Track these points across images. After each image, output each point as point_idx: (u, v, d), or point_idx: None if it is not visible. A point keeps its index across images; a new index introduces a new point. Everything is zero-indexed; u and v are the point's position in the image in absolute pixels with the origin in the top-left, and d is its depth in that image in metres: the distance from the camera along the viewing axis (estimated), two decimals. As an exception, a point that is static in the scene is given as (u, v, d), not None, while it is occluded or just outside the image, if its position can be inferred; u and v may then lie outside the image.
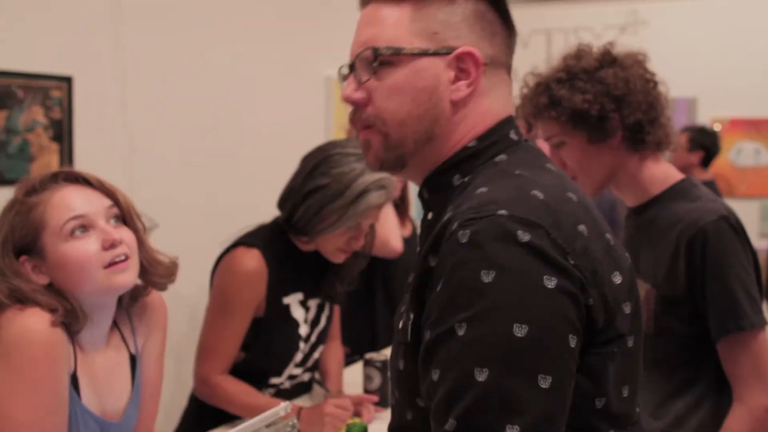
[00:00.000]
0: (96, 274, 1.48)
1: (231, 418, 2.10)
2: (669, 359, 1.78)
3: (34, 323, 1.43)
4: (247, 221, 2.21)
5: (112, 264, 1.49)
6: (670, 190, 1.82)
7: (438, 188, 1.14)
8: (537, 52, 5.15)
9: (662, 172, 1.84)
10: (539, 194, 1.00)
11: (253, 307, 2.06)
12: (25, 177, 2.87)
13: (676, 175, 1.84)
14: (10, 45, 2.77)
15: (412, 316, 1.05)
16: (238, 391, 2.05)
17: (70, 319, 1.48)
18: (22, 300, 1.46)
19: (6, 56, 2.77)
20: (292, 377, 2.21)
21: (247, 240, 2.09)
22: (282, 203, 2.13)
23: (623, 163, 1.81)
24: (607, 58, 1.79)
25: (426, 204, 1.17)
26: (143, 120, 3.26)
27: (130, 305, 1.66)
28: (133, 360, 1.66)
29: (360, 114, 1.15)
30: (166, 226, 3.21)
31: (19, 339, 1.41)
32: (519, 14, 1.25)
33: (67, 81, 3.00)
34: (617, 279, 1.03)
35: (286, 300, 2.13)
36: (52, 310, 1.46)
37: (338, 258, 2.14)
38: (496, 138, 1.12)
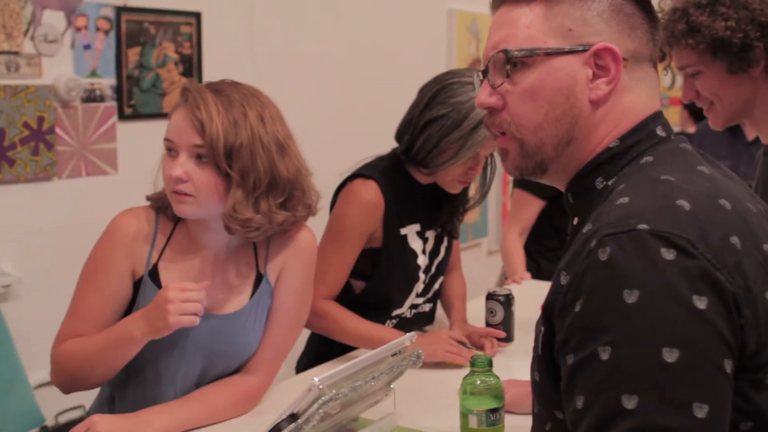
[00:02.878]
0: (169, 195, 1.62)
1: (351, 348, 2.14)
2: None
3: (121, 217, 1.67)
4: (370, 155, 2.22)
5: (174, 192, 1.60)
6: None
7: (582, 193, 1.09)
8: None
9: None
10: (686, 204, 0.92)
11: (364, 238, 2.08)
12: (158, 111, 2.97)
13: None
14: (142, -18, 2.85)
15: (543, 329, 1.01)
16: (343, 316, 2.07)
17: (160, 205, 1.69)
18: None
19: (138, -7, 2.85)
20: (413, 306, 2.23)
21: (364, 171, 2.10)
22: (400, 135, 2.12)
23: (763, 95, 1.71)
24: None
25: (571, 209, 1.12)
26: (270, 54, 3.30)
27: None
28: (260, 277, 1.73)
29: (494, 119, 1.11)
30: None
31: (108, 226, 1.68)
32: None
33: (196, 17, 3.07)
34: None
35: (404, 231, 2.14)
36: (159, 209, 1.69)
37: (455, 188, 2.13)
38: (641, 136, 1.06)
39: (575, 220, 1.11)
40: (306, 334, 2.33)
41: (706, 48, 1.67)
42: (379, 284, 2.13)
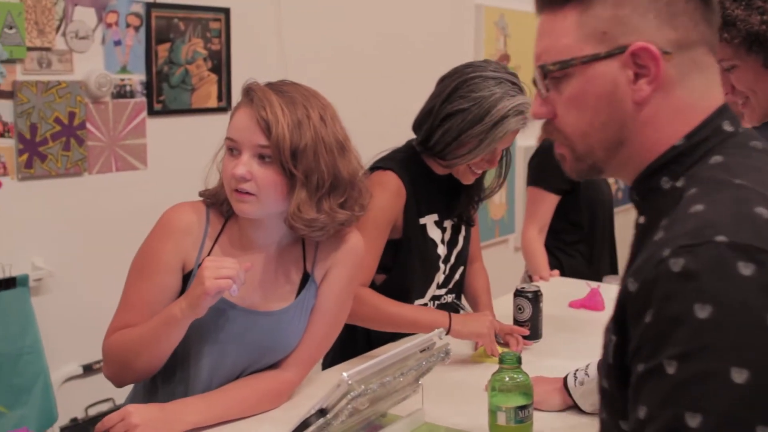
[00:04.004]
0: (229, 193, 1.63)
1: (377, 345, 2.14)
2: None
3: (172, 208, 1.69)
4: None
5: (236, 191, 1.61)
6: None
7: (647, 192, 1.06)
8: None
9: None
10: (765, 211, 0.88)
11: (390, 226, 2.09)
12: (187, 107, 2.99)
13: None
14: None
15: (614, 338, 0.98)
16: (381, 301, 2.06)
17: (214, 202, 1.70)
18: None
19: (168, -11, 2.87)
20: (435, 298, 2.23)
21: (381, 164, 2.12)
22: (418, 124, 2.13)
23: None
24: None
25: (637, 206, 1.09)
26: (298, 50, 3.31)
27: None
28: (306, 277, 1.74)
29: (548, 127, 1.11)
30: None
31: (159, 220, 1.69)
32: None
33: (225, 12, 3.09)
34: None
35: (423, 220, 2.15)
36: (211, 204, 1.70)
37: (468, 179, 2.13)
38: (708, 133, 1.02)
39: (642, 218, 1.08)
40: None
41: (741, 42, 1.65)
42: (400, 275, 2.14)
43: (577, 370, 1.70)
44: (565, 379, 1.71)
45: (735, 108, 1.89)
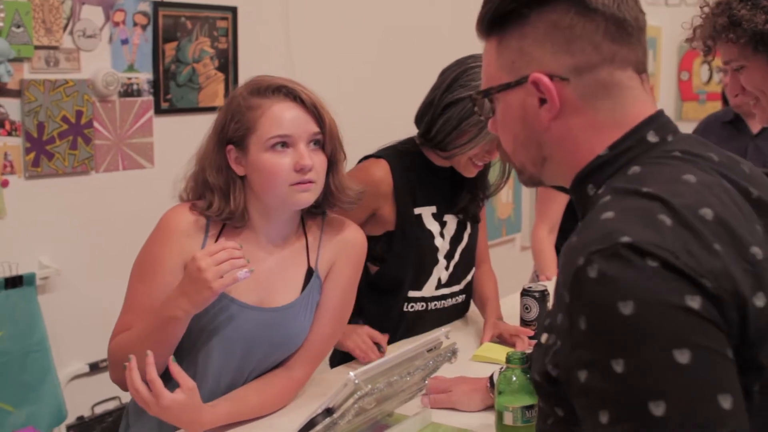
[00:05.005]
0: (281, 188, 1.63)
1: (391, 341, 2.14)
2: None
3: (171, 212, 1.68)
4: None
5: (297, 183, 1.62)
6: None
7: (579, 199, 1.12)
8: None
9: None
10: (667, 219, 0.93)
11: (366, 213, 2.09)
12: (194, 105, 2.99)
13: None
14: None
15: (559, 343, 0.99)
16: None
17: (227, 218, 1.67)
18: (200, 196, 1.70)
19: (175, -12, 2.87)
20: (443, 297, 2.22)
21: (378, 152, 2.13)
22: (419, 117, 2.14)
23: None
24: None
25: (577, 210, 1.16)
26: (305, 48, 3.31)
27: (323, 224, 1.80)
28: (310, 272, 1.75)
29: (498, 143, 1.21)
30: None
31: (158, 222, 1.68)
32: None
33: (232, 11, 3.09)
34: (760, 302, 0.93)
35: (418, 210, 2.14)
36: (209, 207, 1.66)
37: (470, 172, 2.13)
38: (630, 143, 1.06)
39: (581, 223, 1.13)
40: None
41: (747, 42, 1.64)
42: (394, 265, 2.14)
43: (501, 366, 1.67)
44: (491, 378, 1.70)
45: (746, 108, 1.88)
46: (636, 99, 1.08)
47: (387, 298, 2.14)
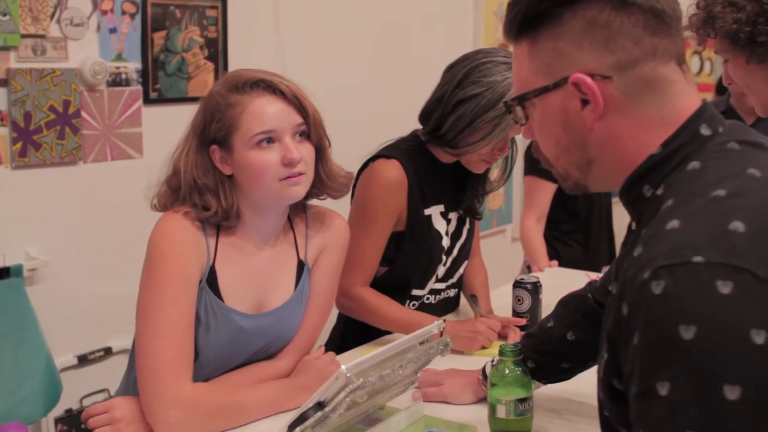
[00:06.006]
0: (271, 183, 1.59)
1: (378, 335, 2.13)
2: None
3: (168, 223, 1.58)
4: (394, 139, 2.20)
5: (287, 177, 1.59)
6: None
7: (633, 201, 1.07)
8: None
9: None
10: (740, 226, 0.88)
11: (393, 218, 2.06)
12: (183, 95, 2.96)
13: None
14: (167, -35, 2.83)
15: (606, 356, 1.01)
16: (381, 303, 2.07)
17: (223, 219, 1.61)
18: (185, 199, 1.61)
19: (164, -24, 2.84)
20: (436, 292, 2.21)
21: (385, 152, 2.08)
22: (427, 114, 2.08)
23: None
24: None
25: (628, 212, 1.11)
26: (295, 38, 3.29)
27: (308, 215, 1.78)
28: (301, 265, 1.74)
29: (536, 148, 1.17)
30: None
31: (154, 236, 1.57)
32: None
33: (222, 0, 3.05)
34: None
35: (428, 211, 2.12)
36: (205, 209, 1.58)
37: (480, 168, 2.10)
38: (685, 139, 1.02)
39: (633, 224, 1.10)
40: (330, 325, 2.32)
41: (723, 38, 1.63)
42: (403, 267, 2.12)
43: (493, 359, 1.66)
44: (483, 370, 1.69)
45: (743, 98, 1.87)
46: (681, 93, 1.05)
47: (392, 298, 2.12)
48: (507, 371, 1.56)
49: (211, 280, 1.62)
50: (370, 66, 3.63)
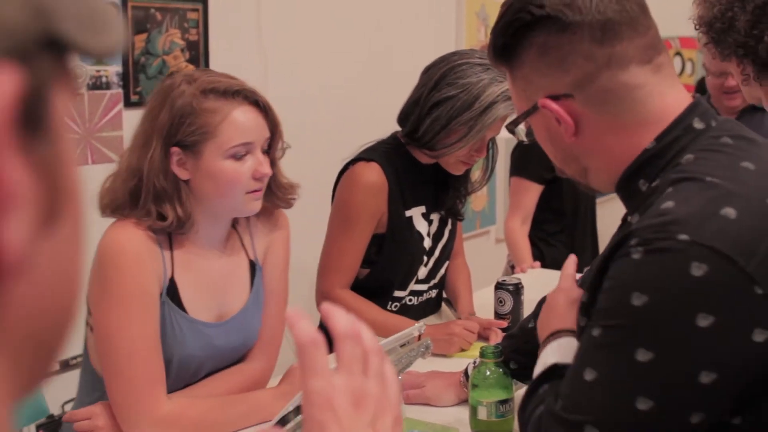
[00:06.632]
0: (237, 195, 1.57)
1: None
2: None
3: (121, 235, 1.51)
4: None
5: (253, 191, 1.58)
6: None
7: (629, 195, 1.11)
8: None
9: None
10: (731, 212, 0.91)
11: (374, 221, 2.06)
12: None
13: None
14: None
15: (582, 324, 1.11)
16: (361, 306, 2.06)
17: (178, 227, 1.55)
18: (135, 206, 1.53)
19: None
20: (417, 293, 2.21)
21: (365, 155, 2.08)
22: (404, 116, 2.09)
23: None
24: None
25: (625, 205, 1.15)
26: (278, 41, 3.28)
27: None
28: (253, 266, 1.73)
29: None
30: (300, 147, 3.24)
31: (107, 250, 1.50)
32: None
33: (203, 3, 3.04)
34: None
35: (409, 213, 2.12)
36: (161, 218, 1.52)
37: (459, 170, 2.10)
38: (678, 133, 1.05)
39: (629, 217, 1.13)
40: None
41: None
42: (384, 269, 2.12)
43: (475, 360, 1.67)
44: (466, 370, 1.70)
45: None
46: (651, 93, 1.06)
47: (373, 300, 2.12)
48: (488, 373, 1.56)
49: (171, 293, 1.58)
50: (352, 68, 3.62)
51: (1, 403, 0.33)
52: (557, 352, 1.20)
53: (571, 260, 1.46)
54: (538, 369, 1.21)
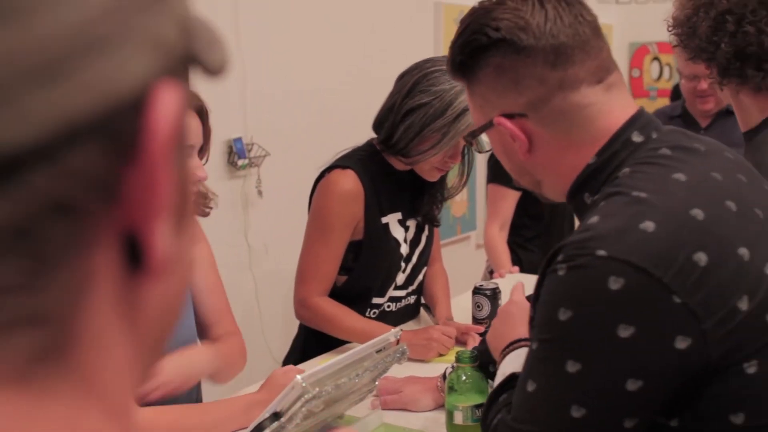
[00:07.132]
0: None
1: (338, 345, 2.13)
2: None
3: None
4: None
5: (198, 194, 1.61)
6: None
7: (577, 208, 1.15)
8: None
9: None
10: (650, 226, 0.95)
11: (350, 228, 2.07)
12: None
13: None
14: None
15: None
16: (338, 313, 2.06)
17: None
18: None
19: None
20: (396, 299, 2.21)
21: (341, 162, 2.09)
22: (379, 123, 2.09)
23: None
24: None
25: (576, 217, 1.20)
26: (255, 45, 3.28)
27: None
28: None
29: None
30: (279, 159, 3.24)
31: None
32: None
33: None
34: (744, 305, 0.94)
35: (385, 219, 2.13)
36: None
37: (434, 176, 2.11)
38: (616, 147, 1.09)
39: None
40: (292, 334, 2.32)
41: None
42: (362, 276, 2.12)
43: (452, 365, 1.67)
44: (443, 376, 1.70)
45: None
46: (600, 111, 1.09)
47: (352, 307, 2.12)
48: (464, 377, 1.57)
49: None
50: (330, 74, 3.63)
51: (129, 395, 0.37)
52: (515, 361, 1.26)
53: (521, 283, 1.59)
54: (498, 379, 1.26)
